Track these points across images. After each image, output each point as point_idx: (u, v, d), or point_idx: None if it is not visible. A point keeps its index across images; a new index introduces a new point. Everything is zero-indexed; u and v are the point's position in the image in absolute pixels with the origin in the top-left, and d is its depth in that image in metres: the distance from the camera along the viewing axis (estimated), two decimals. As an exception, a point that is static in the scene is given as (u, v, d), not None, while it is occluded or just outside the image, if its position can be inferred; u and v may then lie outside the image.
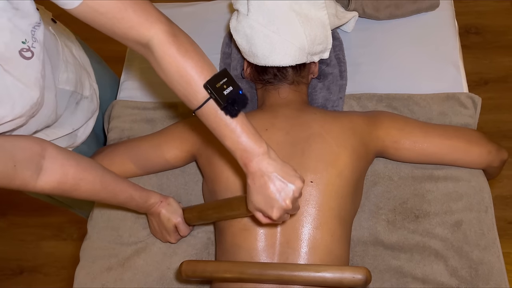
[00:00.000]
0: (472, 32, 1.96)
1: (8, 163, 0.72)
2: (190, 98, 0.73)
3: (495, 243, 0.95)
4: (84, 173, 0.82)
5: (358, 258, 0.97)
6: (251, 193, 0.75)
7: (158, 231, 1.00)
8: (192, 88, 0.72)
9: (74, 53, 0.98)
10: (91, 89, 1.02)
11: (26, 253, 1.80)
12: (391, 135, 0.97)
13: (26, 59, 0.70)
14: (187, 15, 1.33)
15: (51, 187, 0.79)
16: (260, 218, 0.77)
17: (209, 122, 0.74)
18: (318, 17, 1.01)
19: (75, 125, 0.98)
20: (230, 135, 0.73)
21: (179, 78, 0.72)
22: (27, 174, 0.75)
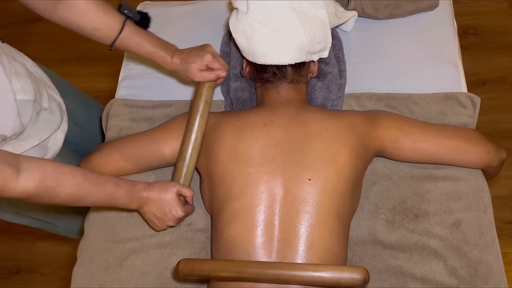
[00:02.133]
0: (470, 33, 1.96)
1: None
2: (111, 25, 0.94)
3: (494, 242, 0.95)
4: (62, 168, 0.81)
5: (357, 258, 0.97)
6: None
7: (159, 215, 0.95)
8: (110, 16, 0.94)
9: (28, 68, 0.99)
10: (51, 101, 1.02)
11: (23, 253, 1.79)
12: (390, 134, 0.97)
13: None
14: (186, 14, 1.33)
15: (34, 185, 0.76)
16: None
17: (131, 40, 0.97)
18: (317, 16, 1.01)
19: (41, 135, 0.98)
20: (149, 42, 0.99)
21: (98, 11, 0.93)
22: (8, 172, 0.73)
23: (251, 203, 0.88)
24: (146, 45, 0.99)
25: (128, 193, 0.90)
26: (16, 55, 0.99)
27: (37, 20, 0.91)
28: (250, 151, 0.91)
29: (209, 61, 0.99)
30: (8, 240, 1.83)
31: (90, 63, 1.85)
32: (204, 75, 1.00)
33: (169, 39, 1.28)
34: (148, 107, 1.18)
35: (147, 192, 0.92)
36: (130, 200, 0.91)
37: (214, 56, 1.00)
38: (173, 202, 0.94)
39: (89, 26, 0.94)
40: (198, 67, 0.99)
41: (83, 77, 1.23)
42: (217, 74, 1.00)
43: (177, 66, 1.01)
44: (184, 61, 1.00)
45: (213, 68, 1.00)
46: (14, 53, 0.99)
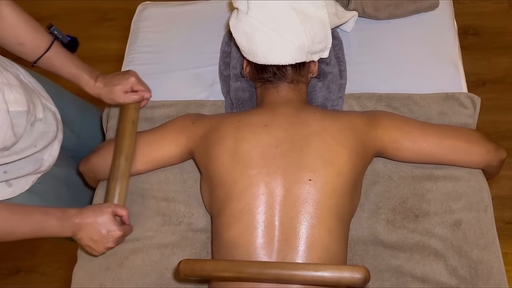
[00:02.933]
0: (470, 33, 1.97)
1: None
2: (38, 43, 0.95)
3: (495, 242, 0.95)
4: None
5: (358, 258, 0.97)
6: None
7: (97, 238, 0.93)
8: (39, 34, 0.96)
9: (21, 78, 0.99)
10: (46, 111, 1.02)
11: (23, 253, 1.79)
12: (390, 134, 0.97)
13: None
14: (187, 14, 1.33)
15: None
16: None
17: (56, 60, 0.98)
18: (318, 15, 1.01)
19: (37, 144, 0.97)
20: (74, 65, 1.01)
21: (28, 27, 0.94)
22: None
23: (252, 205, 0.88)
24: (71, 66, 1.01)
25: (59, 220, 0.88)
26: (8, 65, 0.99)
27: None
28: (251, 153, 0.91)
29: (133, 83, 1.04)
30: (8, 241, 1.82)
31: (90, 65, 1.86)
32: (129, 96, 1.05)
33: (170, 39, 1.29)
34: (148, 107, 1.18)
35: (79, 218, 0.90)
36: (62, 227, 0.89)
37: (138, 79, 1.06)
38: (110, 222, 0.93)
39: (15, 41, 0.94)
40: (123, 89, 1.03)
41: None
42: (142, 95, 1.06)
43: (100, 89, 1.04)
44: (107, 84, 1.03)
45: (137, 90, 1.06)
46: (7, 63, 0.99)
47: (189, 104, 1.17)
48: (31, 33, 0.95)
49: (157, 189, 1.07)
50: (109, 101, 1.05)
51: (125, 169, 1.00)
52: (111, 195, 0.99)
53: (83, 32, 1.06)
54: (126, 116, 1.05)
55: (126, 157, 1.00)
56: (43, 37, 0.96)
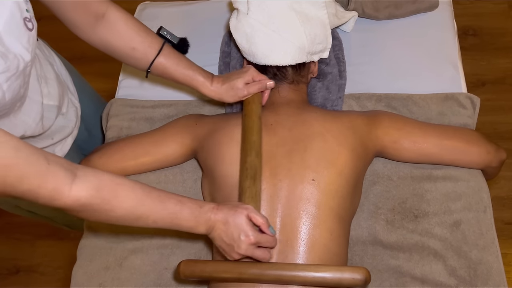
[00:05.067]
0: (470, 34, 1.97)
1: (41, 160, 0.63)
2: (150, 45, 0.92)
3: (494, 243, 0.95)
4: (120, 179, 0.73)
5: (357, 258, 0.97)
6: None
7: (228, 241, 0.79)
8: (149, 36, 0.93)
9: (55, 69, 0.99)
10: (69, 106, 1.02)
11: (22, 253, 1.79)
12: (390, 135, 0.97)
13: (29, 30, 0.71)
14: (186, 14, 1.33)
15: (89, 194, 0.67)
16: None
17: (168, 63, 0.95)
18: (318, 16, 1.01)
19: (54, 136, 0.97)
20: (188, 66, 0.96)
21: (139, 32, 0.92)
22: (61, 175, 0.65)
23: None
24: (184, 68, 0.96)
25: (193, 214, 0.77)
26: (47, 54, 0.99)
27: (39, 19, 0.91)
28: None
29: (254, 74, 0.97)
30: (7, 240, 1.82)
31: (90, 63, 1.85)
32: (252, 86, 0.96)
33: (170, 39, 1.28)
34: (148, 107, 1.18)
35: (215, 214, 0.78)
36: (196, 221, 0.77)
37: (257, 71, 0.98)
38: (244, 225, 0.77)
39: (128, 46, 0.91)
40: (244, 81, 0.96)
41: (86, 77, 1.23)
42: (264, 83, 0.97)
43: (219, 88, 0.97)
44: (227, 81, 0.97)
45: (260, 79, 0.98)
46: (45, 52, 0.99)
47: (189, 104, 1.17)
48: (141, 36, 0.92)
49: (157, 188, 1.07)
50: (231, 99, 0.97)
51: (258, 166, 0.88)
52: (246, 196, 0.85)
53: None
54: (251, 110, 0.95)
55: (257, 153, 0.89)
56: (154, 40, 0.93)
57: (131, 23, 0.91)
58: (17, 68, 0.70)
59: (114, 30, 0.90)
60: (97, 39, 0.91)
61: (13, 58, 0.69)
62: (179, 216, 0.76)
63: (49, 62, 0.96)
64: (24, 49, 0.71)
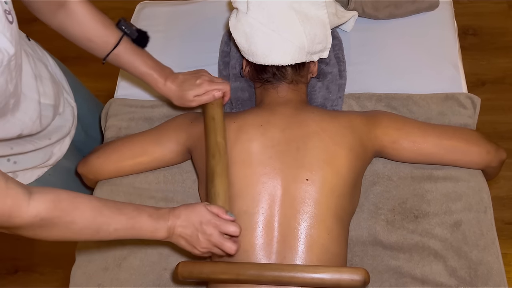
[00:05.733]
0: (470, 33, 1.97)
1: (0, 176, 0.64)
2: (106, 39, 0.93)
3: (494, 243, 0.95)
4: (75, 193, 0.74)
5: (357, 258, 0.97)
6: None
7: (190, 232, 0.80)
8: (107, 29, 0.93)
9: (49, 69, 0.99)
10: (65, 105, 1.02)
11: (21, 252, 1.79)
12: (389, 135, 0.97)
13: (9, 23, 0.70)
14: (186, 13, 1.33)
15: (47, 208, 0.67)
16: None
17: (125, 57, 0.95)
18: (318, 16, 1.01)
19: (51, 136, 0.97)
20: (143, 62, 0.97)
21: (96, 24, 0.92)
22: (19, 192, 0.66)
23: (249, 205, 0.88)
24: (140, 64, 0.97)
25: (152, 216, 0.78)
26: (40, 54, 0.99)
27: (34, 20, 0.90)
28: (246, 153, 0.91)
29: (206, 88, 0.98)
30: (6, 240, 1.82)
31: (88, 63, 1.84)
32: (200, 99, 0.98)
33: (168, 38, 1.28)
34: (147, 106, 1.18)
35: (172, 214, 0.80)
36: (156, 223, 0.78)
37: (211, 81, 0.99)
38: (203, 213, 0.79)
39: (85, 37, 0.93)
40: (194, 94, 0.98)
41: (81, 77, 1.22)
42: (212, 95, 0.98)
43: (171, 91, 0.99)
44: (179, 89, 0.98)
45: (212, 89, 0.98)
46: (38, 52, 0.99)
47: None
48: (99, 28, 0.92)
49: (156, 189, 1.06)
50: (180, 105, 1.01)
51: (215, 167, 0.88)
52: (208, 197, 0.87)
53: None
54: (206, 114, 0.97)
55: (213, 154, 0.90)
56: (112, 33, 0.94)
57: (91, 13, 0.92)
58: (1, 62, 0.69)
59: (72, 18, 0.91)
60: (56, 25, 0.92)
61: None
62: (139, 221, 0.77)
63: (43, 62, 0.96)
64: (8, 42, 0.70)
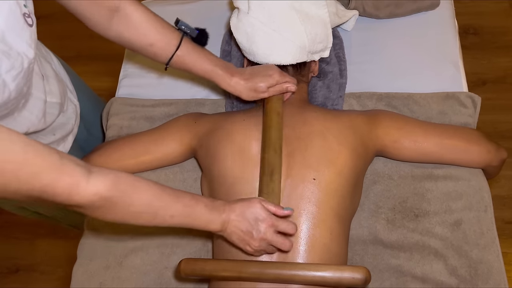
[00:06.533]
0: (471, 33, 1.97)
1: (54, 154, 0.61)
2: (168, 41, 0.90)
3: (495, 242, 0.95)
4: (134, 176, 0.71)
5: (358, 257, 0.97)
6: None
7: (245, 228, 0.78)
8: (167, 31, 0.91)
9: (53, 68, 0.99)
10: (68, 103, 1.02)
11: (22, 252, 1.79)
12: (390, 134, 0.97)
13: (29, 26, 0.69)
14: (187, 13, 1.32)
15: (107, 187, 0.65)
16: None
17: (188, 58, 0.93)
18: (318, 15, 1.01)
19: (55, 132, 0.97)
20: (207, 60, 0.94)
21: (155, 26, 0.89)
22: (77, 170, 0.62)
23: None
24: (204, 62, 0.94)
25: (208, 207, 0.78)
26: (44, 53, 0.98)
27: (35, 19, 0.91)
28: (255, 151, 0.91)
29: (277, 80, 0.95)
30: (7, 239, 1.82)
31: (89, 62, 1.85)
32: (273, 89, 0.96)
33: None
34: (148, 105, 1.18)
35: (228, 206, 0.79)
36: (211, 215, 0.77)
37: (281, 74, 0.97)
38: (259, 211, 0.78)
39: (145, 41, 0.90)
40: (267, 86, 0.95)
41: (83, 76, 1.23)
42: (285, 87, 0.96)
43: (241, 86, 0.95)
44: (249, 81, 0.95)
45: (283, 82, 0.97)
46: (43, 51, 0.99)
47: (189, 103, 1.17)
48: (159, 31, 0.90)
49: (157, 188, 1.07)
50: (250, 98, 0.97)
51: (277, 163, 0.87)
52: (264, 192, 0.86)
53: (83, 31, 1.05)
54: (270, 108, 0.95)
55: (275, 149, 0.89)
56: (172, 34, 0.91)
57: (147, 16, 0.89)
58: (22, 66, 0.69)
59: (130, 25, 0.88)
60: (114, 34, 0.89)
61: (16, 55, 0.68)
62: (195, 210, 0.76)
63: (47, 61, 0.96)
64: (27, 46, 0.70)
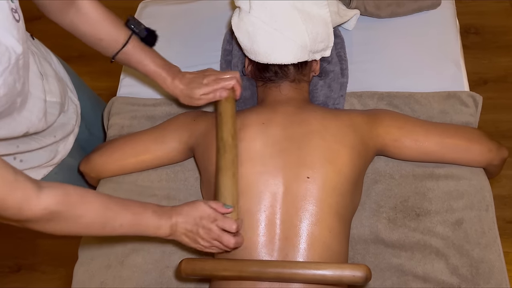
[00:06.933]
0: (472, 32, 1.96)
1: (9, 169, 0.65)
2: (116, 38, 0.94)
3: (496, 241, 0.95)
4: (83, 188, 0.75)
5: (359, 256, 0.97)
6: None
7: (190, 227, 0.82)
8: (117, 28, 0.94)
9: (53, 67, 0.99)
10: (69, 103, 1.02)
11: (24, 251, 1.79)
12: (391, 133, 0.97)
13: (16, 21, 0.70)
14: (188, 12, 1.33)
15: (57, 201, 0.69)
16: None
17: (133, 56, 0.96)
18: (320, 14, 1.01)
19: (56, 134, 0.98)
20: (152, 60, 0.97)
21: (106, 22, 0.93)
22: (29, 185, 0.66)
23: (251, 204, 0.88)
24: (148, 63, 0.97)
25: (156, 213, 0.81)
26: (44, 53, 0.99)
27: (37, 18, 0.90)
28: (247, 151, 0.91)
29: (214, 86, 0.97)
30: (9, 238, 1.82)
31: (91, 62, 1.85)
32: (206, 97, 0.98)
33: (171, 37, 1.28)
34: (150, 105, 1.18)
35: (175, 210, 0.83)
36: (159, 221, 0.81)
37: (218, 80, 0.98)
38: (203, 208, 0.82)
39: (95, 36, 0.93)
40: (202, 93, 0.97)
41: (84, 76, 1.23)
42: (219, 94, 0.97)
43: (178, 90, 0.99)
44: (187, 87, 0.98)
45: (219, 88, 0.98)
46: (43, 51, 0.99)
47: (190, 102, 1.17)
48: (109, 27, 0.93)
49: (158, 187, 1.07)
50: (187, 104, 1.01)
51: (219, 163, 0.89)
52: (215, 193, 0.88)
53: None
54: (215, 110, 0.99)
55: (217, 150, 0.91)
56: (121, 31, 0.95)
57: (100, 12, 0.93)
58: (9, 61, 0.69)
59: (83, 18, 0.92)
60: (68, 24, 0.92)
61: (4, 50, 0.68)
62: (144, 217, 0.80)
63: (47, 60, 0.96)
64: (15, 41, 0.70)
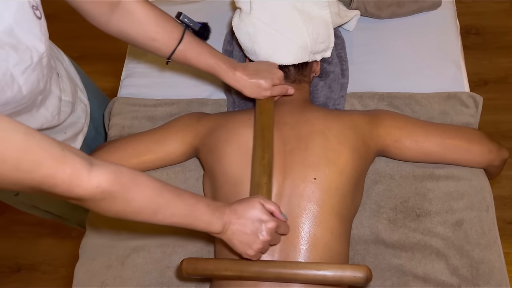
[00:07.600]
0: (472, 33, 1.97)
1: (55, 145, 0.59)
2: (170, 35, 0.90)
3: (496, 242, 0.95)
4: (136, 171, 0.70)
5: (359, 257, 0.97)
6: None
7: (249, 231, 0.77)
8: (169, 25, 0.90)
9: (65, 67, 0.99)
10: (79, 103, 1.02)
11: (24, 251, 1.79)
12: (391, 134, 0.97)
13: (38, 18, 0.68)
14: (188, 13, 1.32)
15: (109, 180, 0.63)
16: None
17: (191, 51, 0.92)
18: (320, 15, 1.01)
19: (66, 131, 0.97)
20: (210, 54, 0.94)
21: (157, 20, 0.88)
22: (79, 162, 0.60)
23: None
24: (207, 56, 0.93)
25: (209, 207, 0.76)
26: (56, 52, 0.98)
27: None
28: None
29: (281, 79, 0.97)
30: (9, 238, 1.83)
31: (92, 62, 1.85)
32: (275, 89, 0.97)
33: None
34: (150, 105, 1.18)
35: (229, 208, 0.78)
36: (212, 215, 0.75)
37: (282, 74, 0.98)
38: (260, 213, 0.77)
39: (147, 36, 0.88)
40: (272, 83, 0.96)
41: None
42: (286, 88, 0.98)
43: (244, 81, 0.95)
44: (254, 77, 0.95)
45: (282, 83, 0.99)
46: (55, 50, 0.99)
47: (191, 103, 1.17)
48: (160, 25, 0.88)
49: (159, 187, 1.07)
50: (252, 95, 0.96)
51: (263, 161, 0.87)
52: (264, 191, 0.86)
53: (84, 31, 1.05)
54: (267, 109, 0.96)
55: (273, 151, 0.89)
56: (174, 28, 0.90)
57: (148, 11, 0.87)
58: (31, 59, 0.68)
59: (131, 19, 0.86)
60: (115, 29, 0.87)
61: (25, 49, 0.67)
62: (196, 209, 0.74)
63: (59, 59, 0.96)
64: (37, 39, 0.68)
